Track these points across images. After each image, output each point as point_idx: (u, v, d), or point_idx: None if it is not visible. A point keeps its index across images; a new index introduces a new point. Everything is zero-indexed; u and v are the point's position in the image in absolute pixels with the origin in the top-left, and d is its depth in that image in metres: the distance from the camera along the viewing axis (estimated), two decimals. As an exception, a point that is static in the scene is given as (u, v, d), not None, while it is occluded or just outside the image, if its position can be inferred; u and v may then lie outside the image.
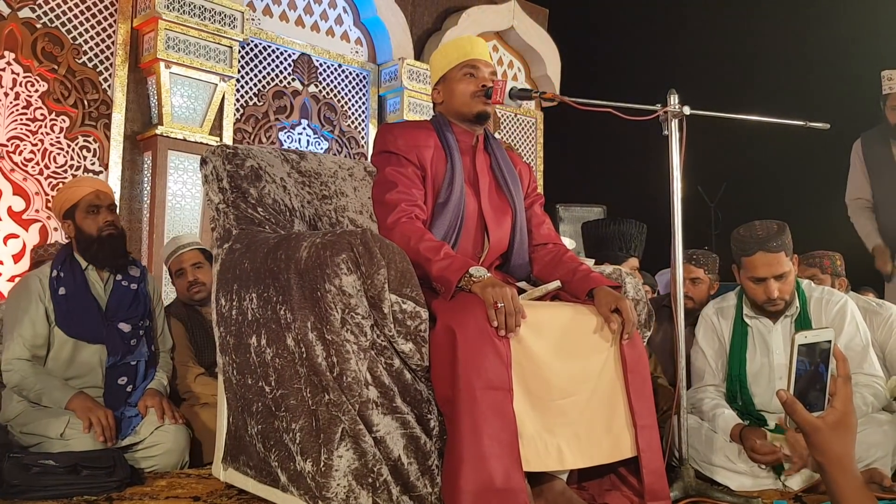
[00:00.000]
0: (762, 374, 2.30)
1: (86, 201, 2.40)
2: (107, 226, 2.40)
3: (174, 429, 2.28)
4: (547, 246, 2.10)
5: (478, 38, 2.14)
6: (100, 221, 2.39)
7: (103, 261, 2.42)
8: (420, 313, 1.62)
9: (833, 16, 5.56)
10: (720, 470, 2.15)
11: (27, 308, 2.30)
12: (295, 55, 4.79)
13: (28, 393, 2.25)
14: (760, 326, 2.33)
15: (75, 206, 2.41)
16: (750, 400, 2.28)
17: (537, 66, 6.12)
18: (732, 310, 2.39)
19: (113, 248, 2.41)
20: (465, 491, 1.49)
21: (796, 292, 2.30)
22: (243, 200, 1.92)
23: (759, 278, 2.21)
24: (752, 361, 2.31)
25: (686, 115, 2.04)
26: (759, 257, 2.19)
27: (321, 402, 1.59)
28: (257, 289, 1.76)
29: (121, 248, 2.45)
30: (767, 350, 2.30)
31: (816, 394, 1.04)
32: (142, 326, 2.44)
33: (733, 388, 2.31)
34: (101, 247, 2.39)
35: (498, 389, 1.55)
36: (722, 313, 2.42)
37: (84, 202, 2.40)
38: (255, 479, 1.79)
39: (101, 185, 2.52)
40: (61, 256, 2.42)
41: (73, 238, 2.43)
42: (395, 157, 1.97)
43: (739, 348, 2.31)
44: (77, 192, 2.42)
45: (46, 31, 3.78)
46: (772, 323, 2.31)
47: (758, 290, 2.24)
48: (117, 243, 2.43)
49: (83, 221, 2.40)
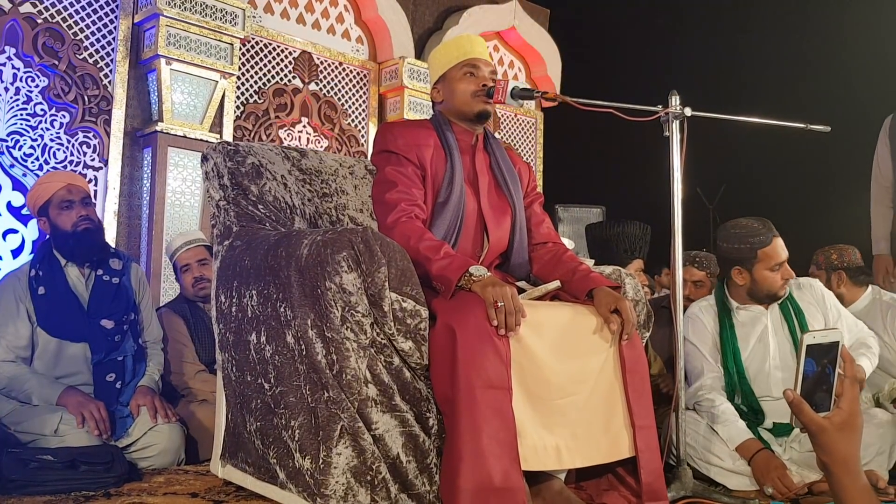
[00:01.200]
0: (755, 359, 2.35)
1: (58, 197, 2.34)
2: (81, 220, 2.33)
3: (168, 428, 2.25)
4: (546, 245, 2.10)
5: (477, 36, 2.14)
6: (74, 216, 2.33)
7: (81, 256, 2.36)
8: (420, 312, 1.63)
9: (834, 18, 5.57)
10: (717, 469, 2.16)
11: (8, 309, 2.25)
12: (296, 53, 4.79)
13: (17, 394, 2.21)
14: (752, 314, 2.38)
15: (48, 203, 2.35)
16: (750, 390, 2.31)
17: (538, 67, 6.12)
18: (713, 307, 2.44)
19: (90, 242, 2.35)
20: (464, 489, 1.50)
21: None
22: (244, 197, 1.92)
23: (780, 263, 2.30)
24: (744, 350, 2.35)
25: (687, 117, 2.05)
26: (777, 242, 2.30)
27: (320, 399, 1.59)
28: (257, 286, 1.76)
29: (98, 242, 2.39)
30: (761, 335, 2.36)
31: (823, 394, 1.04)
32: (126, 321, 2.38)
33: (731, 380, 2.34)
34: (78, 242, 2.33)
35: (497, 388, 1.55)
36: (705, 311, 2.46)
37: (56, 198, 2.34)
38: (254, 475, 1.79)
39: (73, 178, 2.44)
40: (39, 255, 2.36)
41: (50, 235, 2.38)
42: (395, 156, 1.97)
43: (730, 339, 2.36)
44: (49, 188, 2.36)
45: (47, 26, 3.77)
46: (764, 308, 2.38)
47: (776, 278, 2.31)
48: (94, 237, 2.37)
49: (57, 217, 2.34)
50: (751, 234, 2.30)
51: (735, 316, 2.39)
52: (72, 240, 2.33)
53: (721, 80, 6.66)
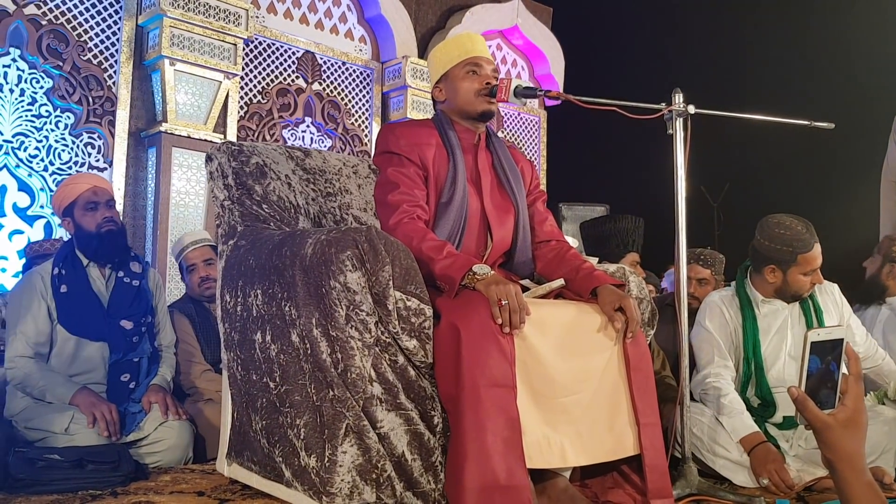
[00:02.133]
0: (772, 351, 2.36)
1: (84, 198, 2.38)
2: (105, 222, 2.38)
3: (178, 425, 2.28)
4: (550, 243, 2.10)
5: (477, 34, 2.13)
6: (98, 218, 2.37)
7: (103, 257, 2.40)
8: (424, 310, 1.63)
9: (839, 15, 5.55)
10: (724, 461, 2.16)
11: (29, 305, 2.29)
12: (299, 53, 4.79)
13: (32, 390, 2.25)
14: (774, 307, 2.40)
15: (73, 204, 2.39)
16: (765, 382, 2.32)
17: (541, 65, 6.12)
18: (736, 298, 2.45)
19: (113, 244, 2.39)
20: (469, 487, 1.50)
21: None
22: (248, 197, 1.93)
23: (815, 269, 2.31)
24: (764, 342, 2.37)
25: (691, 114, 2.04)
26: (817, 248, 2.30)
27: (325, 398, 1.59)
28: (262, 285, 1.76)
29: (121, 244, 2.43)
30: (780, 329, 2.37)
31: (827, 392, 1.04)
32: (144, 323, 2.43)
33: (748, 370, 2.34)
34: (101, 243, 2.37)
35: (501, 387, 1.55)
36: (726, 301, 2.46)
37: (82, 199, 2.38)
38: (260, 474, 1.80)
39: (99, 180, 2.49)
40: (62, 254, 2.41)
41: (73, 235, 2.42)
42: (397, 157, 1.96)
43: (752, 331, 2.36)
44: (75, 190, 2.40)
45: (52, 27, 3.79)
46: (786, 304, 2.39)
47: (807, 282, 2.33)
48: (117, 239, 2.41)
49: (82, 218, 2.38)
50: (795, 237, 2.28)
51: (758, 308, 2.40)
52: (96, 240, 2.37)
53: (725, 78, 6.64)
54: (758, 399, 2.32)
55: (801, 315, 2.38)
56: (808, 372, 1.03)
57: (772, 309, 2.40)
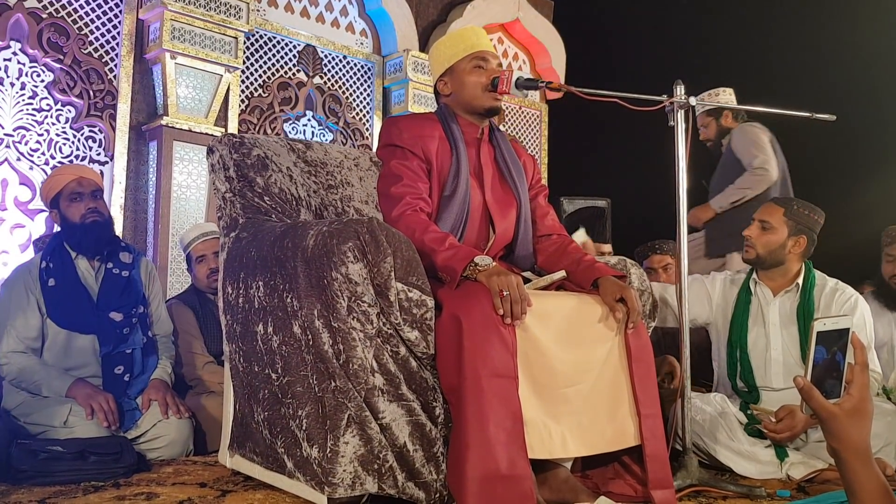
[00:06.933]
0: (758, 346, 2.39)
1: (68, 189, 2.35)
2: (90, 213, 2.34)
3: (176, 420, 2.27)
4: (551, 237, 2.10)
5: (481, 28, 2.13)
6: (82, 209, 2.34)
7: (89, 249, 2.37)
8: (426, 301, 1.63)
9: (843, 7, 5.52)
10: (723, 450, 2.16)
11: (18, 300, 2.27)
12: (300, 46, 4.78)
13: (27, 385, 2.23)
14: (761, 296, 2.43)
15: (59, 195, 2.36)
16: (750, 369, 2.37)
17: (542, 59, 6.10)
18: (741, 281, 2.49)
19: (97, 235, 2.36)
20: (471, 478, 1.51)
21: (805, 275, 2.40)
22: (250, 189, 1.93)
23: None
24: (750, 331, 2.41)
25: (692, 106, 2.04)
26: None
27: (327, 389, 1.60)
28: (264, 277, 1.76)
29: (106, 235, 2.40)
30: (764, 321, 2.40)
31: (833, 381, 1.04)
32: (135, 314, 2.40)
33: (733, 353, 2.40)
34: (86, 234, 2.34)
35: (503, 377, 1.55)
36: (733, 281, 2.53)
37: (67, 190, 2.35)
38: (262, 465, 1.81)
39: (85, 171, 2.45)
40: (50, 247, 2.38)
41: (60, 227, 2.39)
42: (401, 150, 1.96)
43: (742, 314, 2.42)
44: (60, 181, 2.37)
45: (52, 20, 3.78)
46: (772, 295, 2.42)
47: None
48: (102, 230, 2.37)
49: (67, 209, 2.35)
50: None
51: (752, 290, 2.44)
52: (79, 231, 2.34)
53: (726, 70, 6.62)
54: (742, 383, 2.38)
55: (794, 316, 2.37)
56: (815, 362, 1.03)
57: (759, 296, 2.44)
